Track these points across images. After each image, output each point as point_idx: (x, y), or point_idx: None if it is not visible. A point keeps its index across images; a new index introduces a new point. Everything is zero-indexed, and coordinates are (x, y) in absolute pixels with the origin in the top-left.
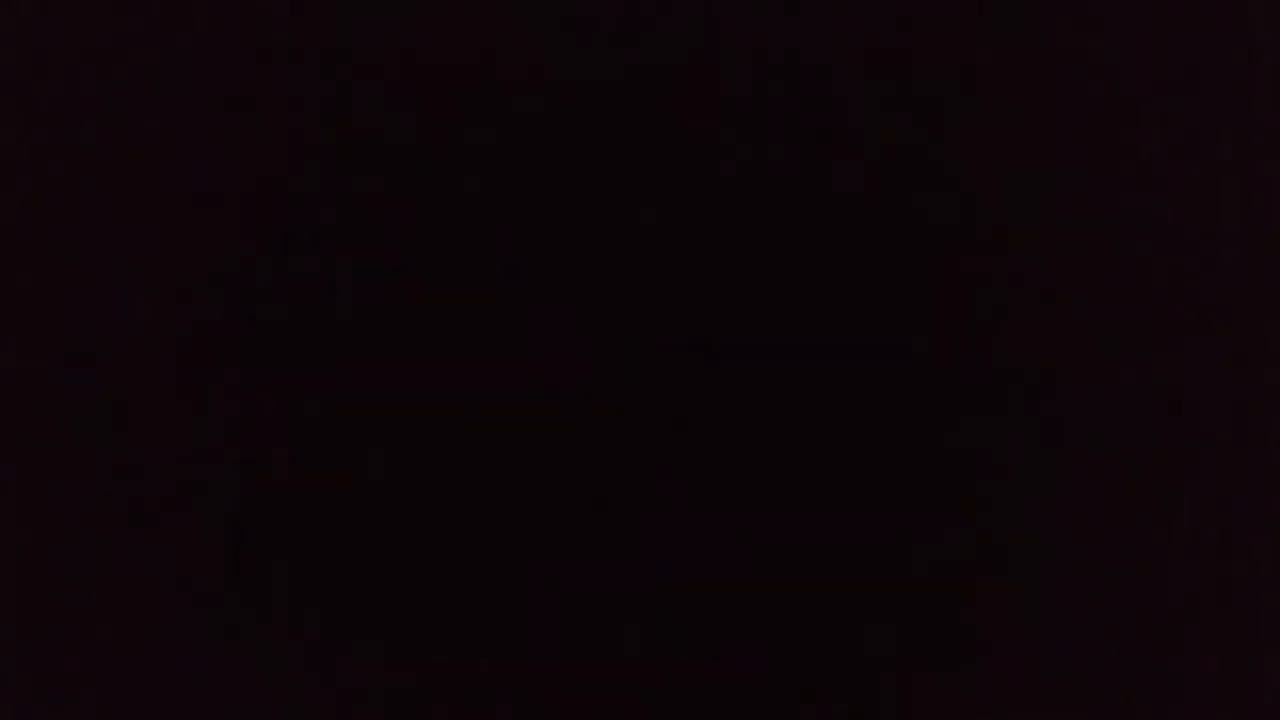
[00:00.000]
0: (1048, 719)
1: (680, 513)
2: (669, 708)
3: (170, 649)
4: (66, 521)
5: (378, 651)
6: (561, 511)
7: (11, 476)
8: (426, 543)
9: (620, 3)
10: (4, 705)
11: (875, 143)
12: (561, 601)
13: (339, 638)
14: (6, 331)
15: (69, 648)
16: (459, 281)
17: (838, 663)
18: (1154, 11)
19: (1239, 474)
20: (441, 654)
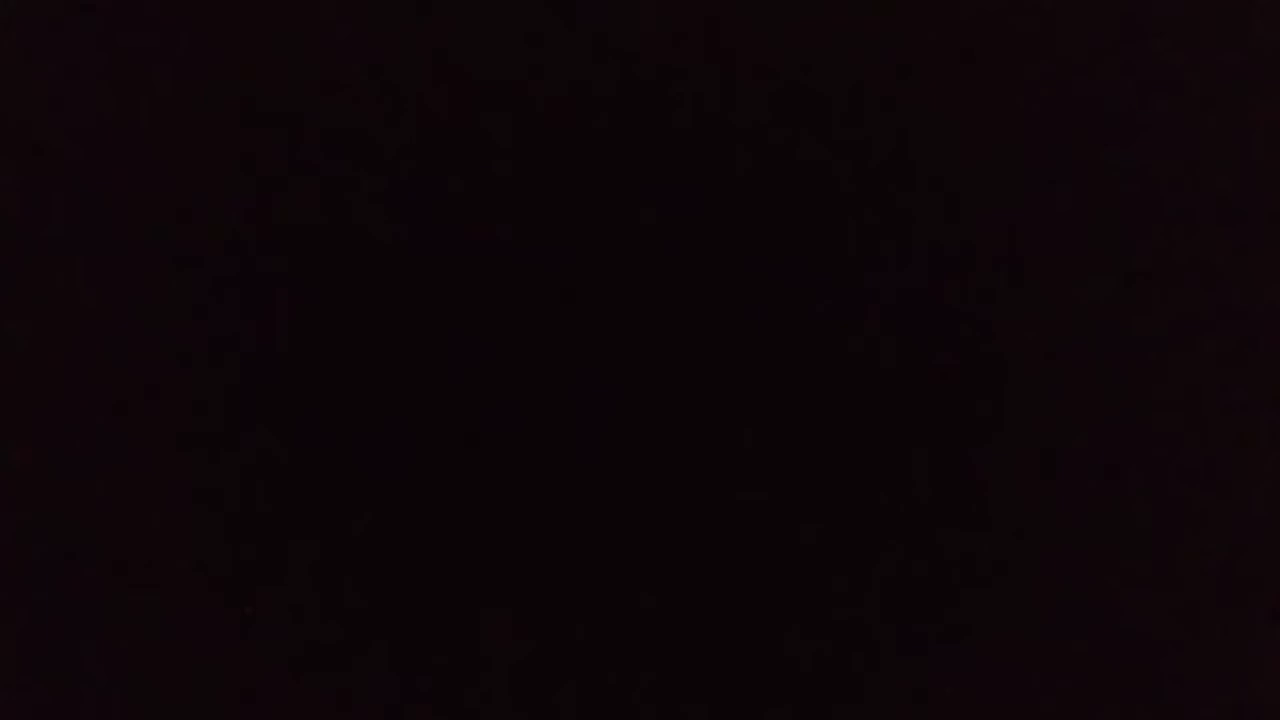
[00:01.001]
0: (1047, 719)
1: (680, 513)
2: (669, 707)
3: (170, 648)
4: (67, 520)
5: (381, 651)
6: (560, 511)
7: (12, 476)
8: (425, 542)
9: (620, 3)
10: (4, 705)
11: (875, 143)
12: (560, 601)
13: (339, 638)
14: (6, 331)
15: (69, 647)
16: (459, 281)
17: (837, 662)
18: (1154, 11)
19: (1239, 474)
20: (441, 654)
